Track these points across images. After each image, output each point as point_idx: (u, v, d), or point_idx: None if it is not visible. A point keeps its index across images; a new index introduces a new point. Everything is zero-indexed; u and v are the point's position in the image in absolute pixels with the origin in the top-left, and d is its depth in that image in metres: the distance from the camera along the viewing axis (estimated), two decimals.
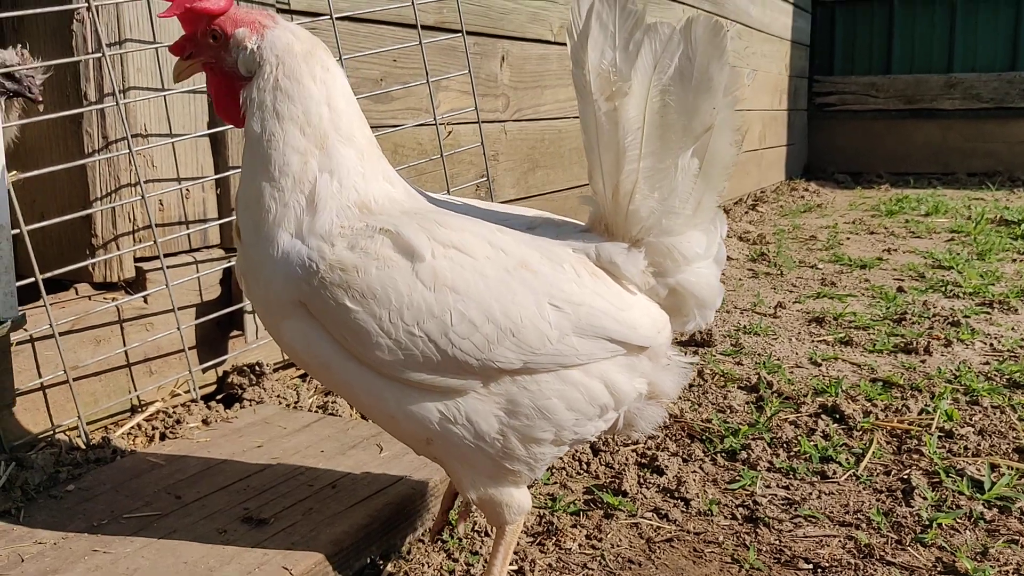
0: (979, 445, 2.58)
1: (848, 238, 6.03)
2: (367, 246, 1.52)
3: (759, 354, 3.43)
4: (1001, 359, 3.33)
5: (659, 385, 1.73)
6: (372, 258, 1.51)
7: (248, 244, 1.62)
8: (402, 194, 1.66)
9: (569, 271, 1.61)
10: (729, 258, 5.25)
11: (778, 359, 3.37)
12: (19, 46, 2.16)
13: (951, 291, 4.37)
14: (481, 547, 2.03)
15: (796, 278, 4.77)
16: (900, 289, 4.44)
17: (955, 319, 3.82)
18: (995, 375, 3.15)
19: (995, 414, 2.80)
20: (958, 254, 5.28)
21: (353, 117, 1.64)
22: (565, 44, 1.62)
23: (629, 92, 1.55)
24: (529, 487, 1.82)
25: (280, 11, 2.86)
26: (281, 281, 1.56)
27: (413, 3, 3.04)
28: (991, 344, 3.53)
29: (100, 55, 2.28)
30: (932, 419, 2.73)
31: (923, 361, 3.34)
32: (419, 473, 2.11)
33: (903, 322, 3.83)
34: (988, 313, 3.97)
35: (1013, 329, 3.73)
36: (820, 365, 3.32)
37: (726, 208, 7.22)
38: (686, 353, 1.83)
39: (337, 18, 3.00)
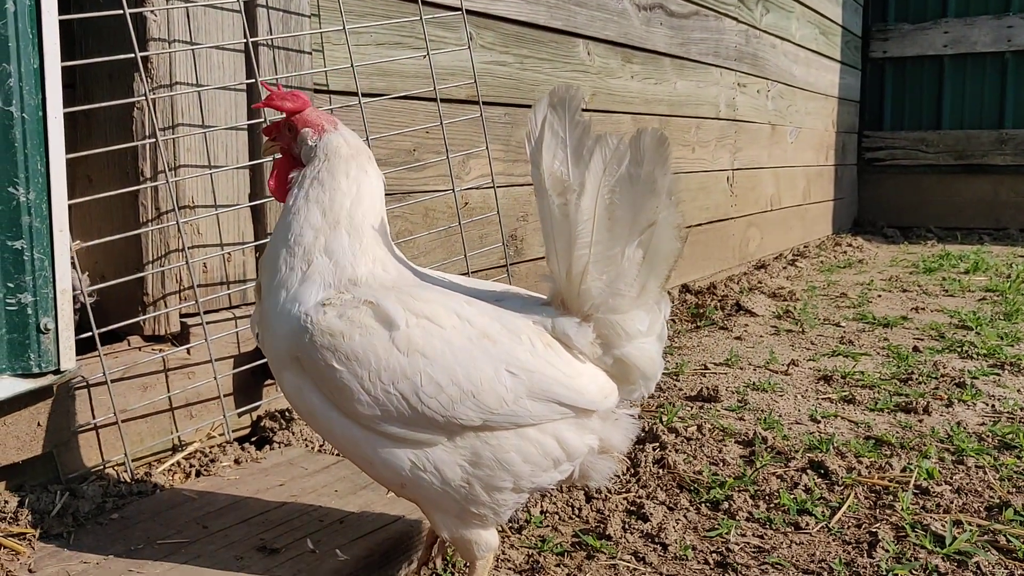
0: (952, 503, 2.73)
1: (879, 296, 6.15)
2: (352, 315, 1.81)
3: (762, 410, 3.62)
4: (996, 420, 3.47)
5: (609, 440, 1.97)
6: (356, 326, 1.80)
7: (263, 299, 1.94)
8: (392, 272, 1.95)
9: (526, 342, 1.86)
10: (753, 314, 5.43)
11: (779, 416, 3.56)
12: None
13: (966, 351, 4.49)
14: None
15: (817, 336, 4.93)
16: (916, 349, 4.58)
17: (962, 380, 3.95)
18: (988, 436, 3.29)
19: (977, 473, 2.94)
20: (984, 314, 5.37)
21: (368, 212, 1.96)
22: (596, 111, 1.89)
23: (581, 191, 1.79)
24: (502, 529, 2.06)
25: (318, 91, 3.20)
26: (282, 336, 1.86)
27: (435, 88, 3.35)
28: (992, 405, 3.66)
29: (155, 139, 2.63)
30: (911, 477, 2.90)
31: (920, 421, 3.49)
32: (416, 513, 2.36)
33: (909, 382, 3.98)
34: (998, 375, 4.09)
35: (1019, 391, 3.85)
36: (819, 422, 3.49)
37: (765, 263, 7.38)
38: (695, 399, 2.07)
39: (375, 97, 3.33)
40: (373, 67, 3.43)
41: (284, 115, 2.02)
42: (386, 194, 3.34)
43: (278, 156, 2.08)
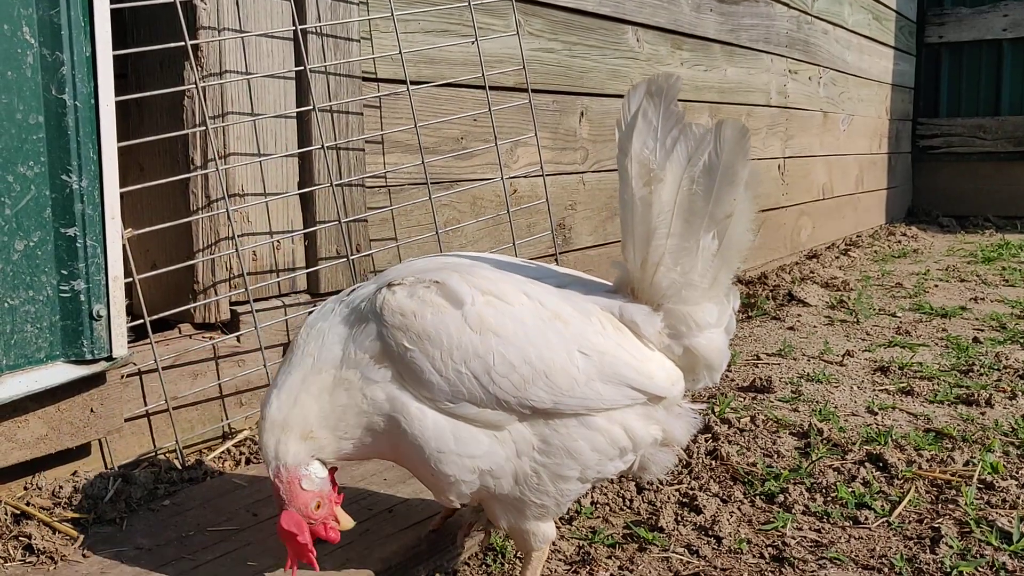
0: (1018, 498, 2.64)
1: (936, 285, 6.00)
2: (423, 295, 1.79)
3: (817, 402, 3.54)
4: None
5: (671, 432, 1.94)
6: (427, 305, 1.78)
7: None
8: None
9: (596, 324, 1.85)
10: (806, 304, 5.32)
11: (834, 407, 3.47)
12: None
13: None
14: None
15: (872, 326, 4.81)
16: (976, 340, 4.45)
17: None
18: None
19: None
20: None
21: None
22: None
23: (663, 180, 1.78)
24: (561, 522, 2.03)
25: (366, 79, 3.19)
26: None
27: (483, 75, 3.32)
28: None
29: (205, 127, 2.63)
30: (975, 471, 2.81)
31: (983, 413, 3.39)
32: None
33: (970, 373, 3.86)
34: None
35: None
36: (876, 414, 3.40)
37: (817, 253, 7.24)
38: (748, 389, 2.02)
39: (422, 85, 3.31)
40: (421, 54, 3.41)
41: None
42: (433, 183, 3.34)
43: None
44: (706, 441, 3.04)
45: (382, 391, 1.79)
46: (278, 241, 2.91)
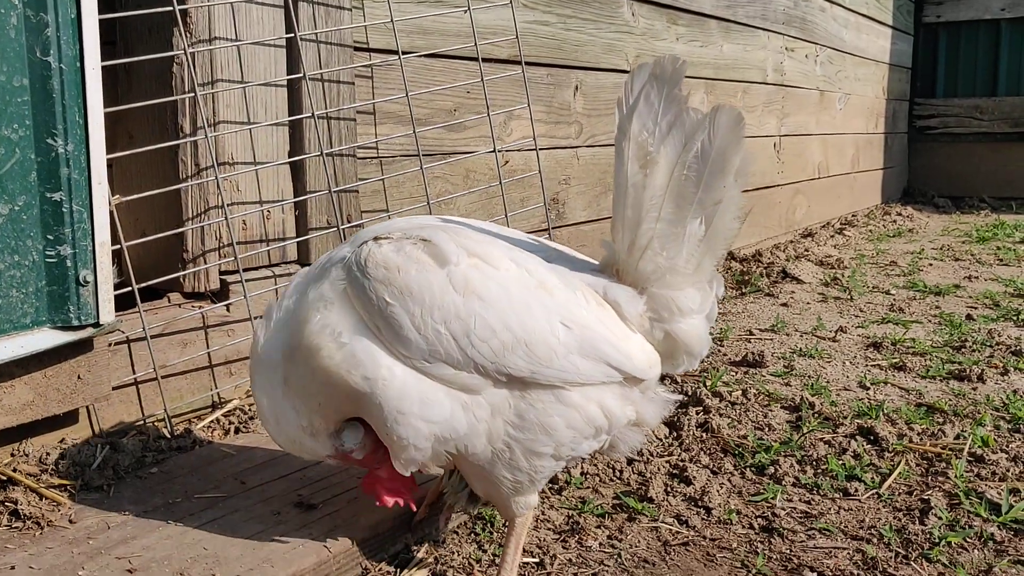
0: (1008, 471, 2.64)
1: (931, 264, 5.99)
2: (409, 250, 1.77)
3: (809, 376, 3.53)
4: None
5: (644, 415, 1.93)
6: (413, 261, 1.76)
7: None
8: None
9: (580, 298, 1.83)
10: (800, 281, 5.31)
11: (827, 382, 3.47)
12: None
13: (1023, 320, 4.35)
14: None
15: (865, 303, 4.81)
16: (969, 317, 4.44)
17: (1018, 348, 3.82)
18: None
19: None
20: None
21: None
22: None
23: (658, 163, 1.77)
24: (541, 490, 2.02)
25: (358, 49, 3.16)
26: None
27: (476, 43, 3.29)
28: None
29: (194, 94, 2.60)
30: (965, 444, 2.81)
31: (974, 388, 3.38)
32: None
33: (962, 349, 3.86)
34: None
35: None
36: (868, 389, 3.40)
37: (812, 232, 7.23)
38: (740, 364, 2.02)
39: (414, 55, 3.28)
40: (413, 24, 3.37)
41: None
42: (425, 154, 3.32)
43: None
44: (697, 414, 3.03)
45: (357, 344, 1.77)
46: (268, 210, 2.89)
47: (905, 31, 9.70)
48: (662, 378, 1.99)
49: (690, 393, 3.20)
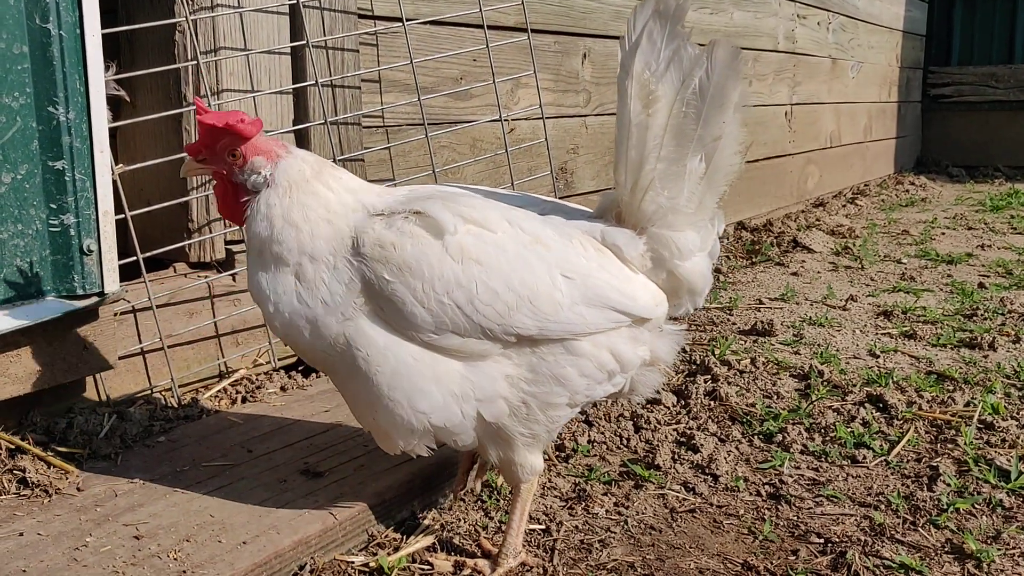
0: (1018, 438, 2.62)
1: (943, 233, 5.94)
2: (402, 225, 1.76)
3: (818, 345, 3.51)
4: None
5: (658, 352, 1.94)
6: (407, 235, 1.74)
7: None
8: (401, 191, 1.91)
9: (578, 247, 1.82)
10: (811, 250, 5.28)
11: (836, 350, 3.45)
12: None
13: None
14: None
15: (876, 272, 4.77)
16: (981, 285, 4.41)
17: None
18: None
19: None
20: None
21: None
22: None
23: (660, 99, 1.75)
24: (548, 457, 2.02)
25: (362, 16, 3.12)
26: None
27: (481, 9, 3.25)
28: None
29: (197, 62, 2.58)
30: (975, 411, 2.79)
31: (985, 356, 3.36)
32: None
33: (974, 317, 3.83)
34: None
35: None
36: (878, 357, 3.38)
37: (824, 201, 7.18)
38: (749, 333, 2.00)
39: (418, 22, 3.25)
40: None
41: (230, 138, 1.81)
42: (431, 123, 3.29)
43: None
44: (705, 382, 3.02)
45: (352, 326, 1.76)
46: None
47: None
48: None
49: (698, 362, 3.19)
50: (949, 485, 2.36)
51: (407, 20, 3.07)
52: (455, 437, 1.83)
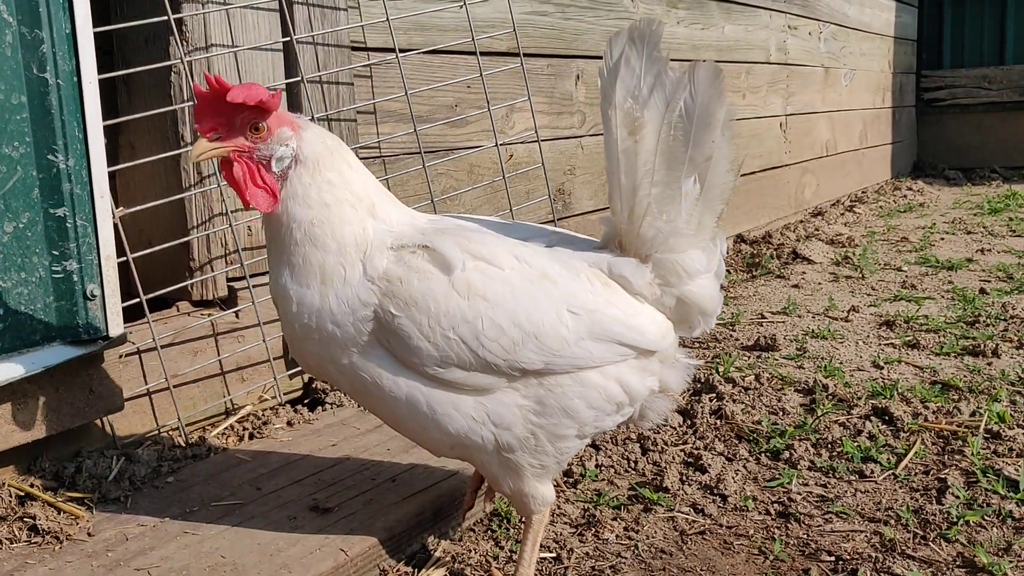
0: None
1: (942, 239, 5.95)
2: (409, 260, 1.76)
3: (822, 358, 3.52)
4: None
5: (667, 382, 1.95)
6: (414, 271, 1.75)
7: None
8: (424, 220, 1.91)
9: (584, 282, 1.83)
10: (811, 261, 5.29)
11: (840, 363, 3.45)
12: None
13: None
14: None
15: (877, 281, 4.78)
16: (982, 291, 4.41)
17: None
18: None
19: None
20: None
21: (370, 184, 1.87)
22: None
23: (645, 126, 1.76)
24: (557, 484, 2.02)
25: (355, 48, 3.15)
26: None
27: (473, 37, 3.28)
28: None
29: (193, 103, 2.60)
30: (981, 421, 2.79)
31: (989, 364, 3.36)
32: (471, 469, 2.33)
33: (976, 324, 3.83)
34: None
35: None
36: (882, 368, 3.38)
37: (822, 210, 7.19)
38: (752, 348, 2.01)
39: (413, 53, 3.27)
40: (410, 21, 3.36)
41: (251, 110, 1.70)
42: (428, 151, 3.31)
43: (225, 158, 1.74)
44: (711, 401, 3.02)
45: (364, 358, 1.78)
46: None
47: (909, 3, 9.61)
48: (683, 344, 1.99)
49: (703, 380, 3.19)
50: (958, 497, 2.36)
51: (400, 51, 3.09)
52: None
